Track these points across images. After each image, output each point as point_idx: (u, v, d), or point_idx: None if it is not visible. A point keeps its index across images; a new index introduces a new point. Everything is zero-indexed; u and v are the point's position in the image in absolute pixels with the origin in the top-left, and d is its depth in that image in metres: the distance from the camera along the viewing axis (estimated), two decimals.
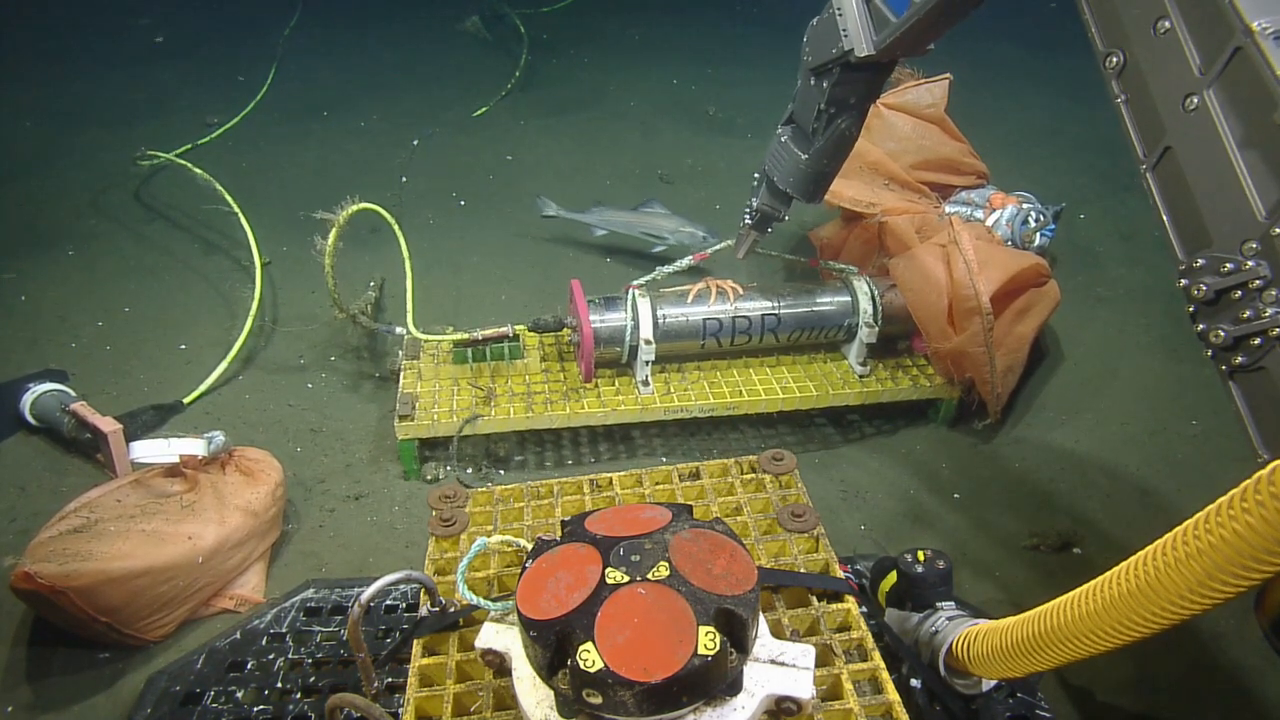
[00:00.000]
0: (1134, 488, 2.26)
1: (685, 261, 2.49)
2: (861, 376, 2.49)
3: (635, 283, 2.45)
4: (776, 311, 2.45)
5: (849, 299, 2.48)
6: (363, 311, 2.64)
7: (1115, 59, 1.25)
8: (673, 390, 2.44)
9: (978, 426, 2.45)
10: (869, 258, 2.73)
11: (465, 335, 2.44)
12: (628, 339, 2.39)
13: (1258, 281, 1.07)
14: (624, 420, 2.39)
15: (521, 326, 2.50)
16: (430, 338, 2.47)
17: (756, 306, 2.45)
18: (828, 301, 2.49)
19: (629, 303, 2.41)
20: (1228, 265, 1.10)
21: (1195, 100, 1.13)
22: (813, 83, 1.75)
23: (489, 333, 2.44)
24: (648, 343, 2.36)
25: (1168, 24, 1.15)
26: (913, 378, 2.49)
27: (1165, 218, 1.21)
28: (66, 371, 2.65)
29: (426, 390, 2.40)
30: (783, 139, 1.92)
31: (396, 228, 2.64)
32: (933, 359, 2.47)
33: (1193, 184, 1.15)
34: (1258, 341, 1.09)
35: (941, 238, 2.44)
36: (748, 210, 2.19)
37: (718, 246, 2.59)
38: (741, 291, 2.45)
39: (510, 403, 2.36)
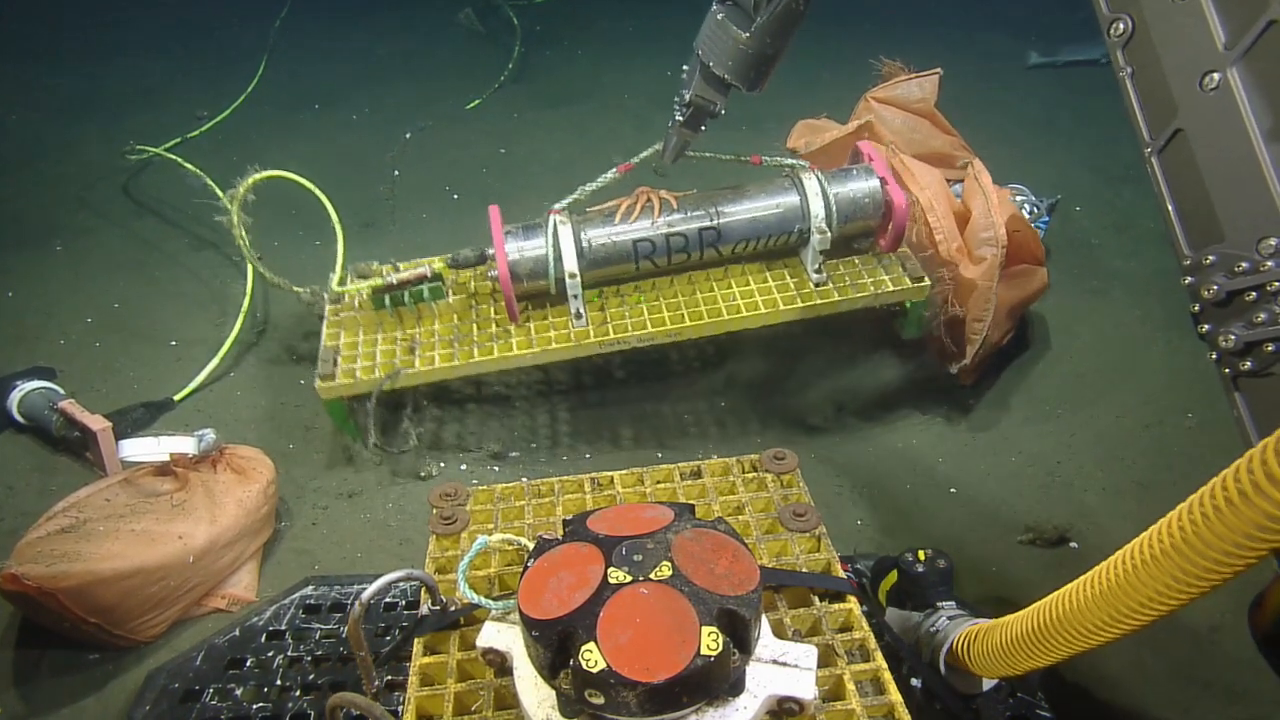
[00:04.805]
0: (1130, 481, 2.26)
1: (610, 175, 2.21)
2: (817, 285, 2.27)
3: (556, 206, 2.18)
4: (715, 224, 2.20)
5: (798, 201, 2.23)
6: (313, 304, 2.52)
7: (1121, 26, 1.09)
8: (609, 320, 2.22)
9: (952, 370, 2.39)
10: None
11: (380, 281, 2.29)
12: (551, 270, 2.15)
13: (1276, 284, 0.98)
14: (557, 359, 2.21)
15: (441, 263, 2.32)
16: (350, 289, 2.33)
17: (691, 221, 2.20)
18: (772, 206, 2.23)
19: (549, 230, 2.15)
20: (1242, 264, 1.01)
21: (1216, 78, 0.99)
22: None
23: (405, 275, 2.28)
24: (572, 276, 2.13)
25: None
26: (875, 281, 2.28)
27: (1170, 208, 1.11)
28: (54, 369, 2.62)
29: (349, 343, 2.27)
30: (719, 16, 1.70)
31: (314, 189, 2.50)
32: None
33: (1205, 172, 1.04)
34: (1271, 348, 1.02)
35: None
36: (677, 104, 1.93)
37: (644, 154, 2.23)
38: (675, 205, 2.20)
39: (435, 349, 2.21)
